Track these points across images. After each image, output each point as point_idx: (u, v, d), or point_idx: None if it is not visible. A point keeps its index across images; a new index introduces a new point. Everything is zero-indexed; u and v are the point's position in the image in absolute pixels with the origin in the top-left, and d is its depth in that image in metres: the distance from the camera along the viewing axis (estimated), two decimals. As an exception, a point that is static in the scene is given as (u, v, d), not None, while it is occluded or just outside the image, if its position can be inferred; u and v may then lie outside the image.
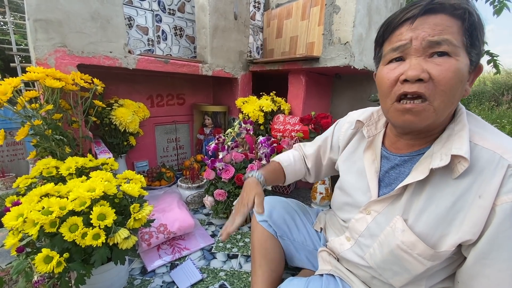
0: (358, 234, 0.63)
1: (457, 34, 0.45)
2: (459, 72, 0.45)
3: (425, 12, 0.47)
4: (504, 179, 0.44)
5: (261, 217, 0.85)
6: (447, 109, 0.48)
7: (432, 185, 0.51)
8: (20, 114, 0.94)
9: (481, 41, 0.47)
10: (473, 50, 0.46)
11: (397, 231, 0.53)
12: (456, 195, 0.48)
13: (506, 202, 0.43)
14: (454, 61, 0.45)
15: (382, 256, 0.56)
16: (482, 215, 0.45)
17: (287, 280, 0.67)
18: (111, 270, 0.79)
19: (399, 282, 0.55)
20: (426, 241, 0.50)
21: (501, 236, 0.44)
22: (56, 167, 0.91)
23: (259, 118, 1.60)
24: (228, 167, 1.18)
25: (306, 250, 0.83)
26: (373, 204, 0.60)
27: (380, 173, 0.61)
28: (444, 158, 0.48)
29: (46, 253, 0.62)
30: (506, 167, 0.44)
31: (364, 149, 0.65)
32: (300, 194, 1.61)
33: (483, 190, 0.45)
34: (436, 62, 0.46)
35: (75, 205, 0.68)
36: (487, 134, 0.49)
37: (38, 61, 1.06)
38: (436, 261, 0.49)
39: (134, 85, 1.65)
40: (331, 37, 1.34)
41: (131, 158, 1.72)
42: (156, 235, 1.03)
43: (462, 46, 0.46)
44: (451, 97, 0.47)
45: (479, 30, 0.46)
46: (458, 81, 0.46)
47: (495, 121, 3.89)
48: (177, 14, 1.79)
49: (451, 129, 0.51)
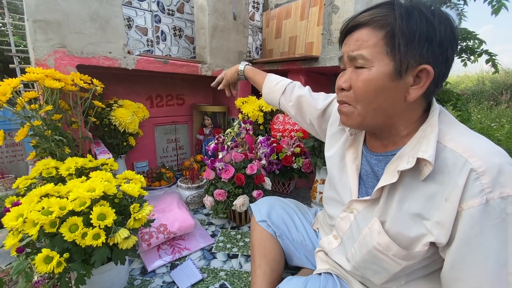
0: (343, 232, 0.64)
1: (375, 45, 0.49)
2: (371, 82, 0.50)
3: (352, 28, 0.53)
4: (467, 183, 0.43)
5: (260, 218, 0.85)
6: (375, 112, 0.52)
7: (403, 186, 0.51)
8: (20, 114, 0.94)
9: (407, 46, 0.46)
10: (395, 56, 0.47)
11: (374, 232, 0.54)
12: (426, 197, 0.48)
13: (473, 207, 0.42)
14: (366, 72, 0.50)
15: (361, 255, 0.57)
16: (449, 218, 0.44)
17: (286, 279, 0.67)
18: (111, 270, 0.79)
19: (379, 280, 0.57)
20: (401, 242, 0.51)
21: (473, 241, 0.43)
22: (55, 168, 0.91)
23: (259, 118, 1.60)
24: (227, 167, 1.18)
25: (305, 249, 0.83)
26: (354, 203, 0.61)
27: (361, 172, 0.62)
28: (411, 160, 0.48)
29: (46, 253, 0.62)
30: (469, 171, 0.43)
31: (347, 146, 0.66)
32: (300, 194, 1.61)
33: (449, 193, 0.45)
34: (356, 73, 0.52)
35: (75, 205, 0.68)
36: (457, 135, 0.49)
37: (37, 62, 1.06)
38: (411, 260, 0.50)
39: (134, 85, 1.65)
40: (330, 37, 1.35)
41: (130, 159, 1.72)
42: (156, 235, 1.04)
43: (382, 55, 0.49)
44: (370, 102, 0.52)
45: (400, 36, 0.46)
46: (370, 89, 0.50)
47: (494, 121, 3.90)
48: (176, 14, 1.79)
49: (423, 131, 0.51)
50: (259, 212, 0.87)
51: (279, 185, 1.58)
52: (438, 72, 0.48)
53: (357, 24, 0.51)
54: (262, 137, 1.39)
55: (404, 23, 0.46)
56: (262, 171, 1.28)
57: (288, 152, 1.42)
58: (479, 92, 6.39)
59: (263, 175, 1.24)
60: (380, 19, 0.48)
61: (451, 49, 0.47)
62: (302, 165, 1.40)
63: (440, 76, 0.49)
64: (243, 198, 1.14)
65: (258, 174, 1.20)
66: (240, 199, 1.14)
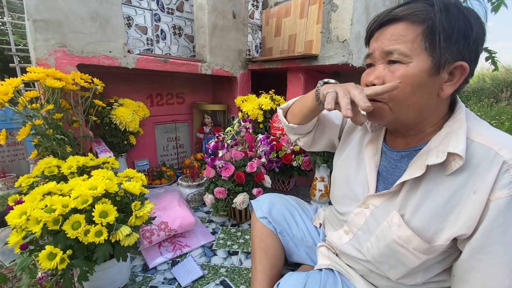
0: (357, 228, 0.64)
1: (413, 40, 0.49)
2: (409, 78, 0.49)
3: (384, 23, 0.53)
4: (498, 174, 0.44)
5: (261, 214, 0.86)
6: (409, 108, 0.52)
7: (428, 181, 0.52)
8: (21, 114, 0.95)
9: (446, 41, 0.47)
10: (434, 52, 0.48)
11: (393, 225, 0.54)
12: (452, 190, 0.48)
13: (500, 197, 0.44)
14: (404, 68, 0.50)
15: (379, 250, 0.57)
16: (477, 210, 0.45)
17: (286, 275, 0.68)
18: (113, 267, 0.81)
19: (395, 275, 0.56)
20: (422, 235, 0.51)
21: (495, 231, 0.44)
22: (57, 166, 0.92)
23: (259, 117, 1.60)
24: (228, 165, 1.19)
25: (306, 245, 0.84)
26: (371, 198, 0.61)
27: (380, 168, 0.62)
28: (440, 155, 0.49)
29: (49, 250, 0.63)
30: (501, 163, 0.45)
31: (367, 143, 0.66)
32: (300, 191, 1.62)
33: (478, 185, 0.46)
34: (390, 69, 0.51)
35: (78, 203, 0.69)
36: (484, 130, 0.50)
37: (38, 61, 1.07)
38: (431, 254, 0.50)
39: (134, 84, 1.66)
40: (329, 35, 1.35)
41: (131, 157, 1.73)
42: (157, 232, 1.05)
43: (420, 51, 0.49)
44: (406, 99, 0.51)
45: (441, 31, 0.47)
46: (408, 86, 0.50)
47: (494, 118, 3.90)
48: (176, 13, 1.79)
49: (449, 127, 0.51)
50: (260, 208, 0.88)
51: (279, 183, 1.59)
52: (471, 69, 0.49)
53: (393, 19, 0.51)
54: (262, 135, 1.39)
55: (444, 18, 0.47)
56: (262, 169, 1.28)
57: (288, 150, 1.43)
58: (480, 89, 6.38)
59: (263, 173, 1.25)
60: (420, 13, 0.48)
61: (481, 46, 0.49)
62: (301, 163, 1.41)
63: (471, 73, 0.50)
64: (243, 196, 1.15)
65: (258, 172, 1.21)
66: (240, 197, 1.15)
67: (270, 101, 1.63)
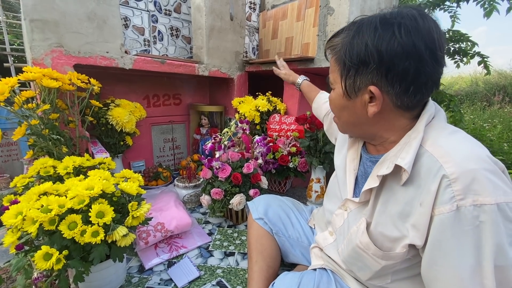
0: (336, 228, 0.66)
1: (333, 69, 0.57)
2: (332, 100, 0.60)
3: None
4: (439, 189, 0.43)
5: (257, 215, 0.87)
6: (348, 125, 0.60)
7: (387, 189, 0.53)
8: (17, 113, 0.94)
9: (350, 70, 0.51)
10: (344, 79, 0.54)
11: (359, 231, 0.56)
12: (405, 201, 0.49)
13: (443, 213, 0.43)
14: (332, 92, 0.60)
15: (348, 252, 0.60)
16: (423, 221, 0.45)
17: (282, 274, 0.68)
18: (109, 268, 0.80)
19: (364, 276, 0.59)
20: (383, 243, 0.52)
21: (444, 245, 0.44)
22: (53, 167, 0.91)
23: (255, 118, 1.61)
24: (224, 166, 1.20)
25: (301, 246, 0.85)
26: (348, 202, 0.63)
27: (358, 173, 0.64)
28: (390, 166, 0.50)
29: (45, 250, 0.63)
30: (441, 177, 0.43)
31: (347, 147, 0.68)
32: (296, 192, 1.63)
33: (423, 198, 0.45)
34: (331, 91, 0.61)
35: (74, 203, 0.69)
36: (441, 139, 0.48)
37: (34, 61, 1.06)
38: (390, 260, 0.51)
39: (131, 85, 1.66)
40: (325, 38, 1.37)
41: (127, 158, 1.72)
42: (154, 233, 1.04)
43: (339, 78, 0.55)
44: (339, 117, 0.61)
45: (345, 61, 0.52)
46: (334, 107, 0.60)
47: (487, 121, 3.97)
48: (173, 14, 1.80)
49: (408, 136, 0.51)
50: (256, 209, 0.88)
51: (276, 184, 1.60)
52: (393, 88, 0.48)
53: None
54: (259, 137, 1.40)
55: (346, 50, 0.51)
56: (259, 170, 1.29)
57: (284, 152, 1.44)
58: (473, 93, 6.49)
59: (259, 174, 1.25)
60: (336, 47, 0.55)
61: (409, 62, 0.46)
62: (298, 164, 1.42)
63: (403, 90, 0.48)
64: (239, 197, 1.16)
65: (254, 173, 1.22)
66: (237, 198, 1.16)
67: (267, 103, 1.64)
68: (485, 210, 0.40)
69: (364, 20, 0.51)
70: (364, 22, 0.50)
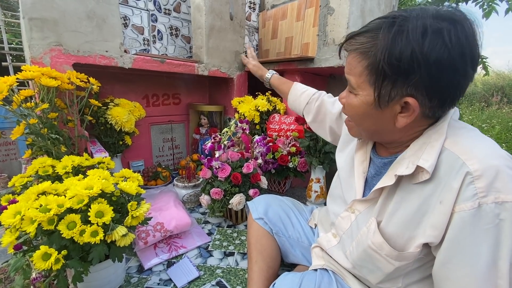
0: (342, 231, 0.65)
1: (360, 74, 0.50)
2: (356, 108, 0.53)
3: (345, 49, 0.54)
4: (462, 186, 0.43)
5: (257, 215, 0.86)
6: (368, 132, 0.57)
7: (401, 189, 0.52)
8: (16, 112, 0.93)
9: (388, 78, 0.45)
10: (377, 88, 0.47)
11: (370, 231, 0.55)
12: (422, 199, 0.48)
13: (464, 210, 0.42)
14: (353, 98, 0.54)
15: (357, 254, 0.59)
16: (443, 220, 0.45)
17: (282, 275, 0.68)
18: (109, 268, 0.80)
19: (374, 279, 0.58)
20: (396, 242, 0.51)
21: (462, 243, 0.43)
22: (52, 166, 0.91)
23: (255, 118, 1.61)
24: (224, 166, 1.19)
25: (301, 246, 0.85)
26: (356, 204, 0.62)
27: (367, 175, 0.63)
28: (410, 166, 0.49)
29: (44, 250, 0.62)
30: (464, 174, 0.43)
31: (355, 149, 0.67)
32: (296, 192, 1.63)
33: (444, 196, 0.45)
34: (348, 94, 0.56)
35: (73, 203, 0.68)
36: (461, 138, 0.47)
37: (33, 60, 1.06)
38: (404, 261, 0.51)
39: (130, 84, 1.65)
40: (325, 38, 1.37)
41: (126, 158, 1.71)
42: (153, 233, 1.04)
43: (366, 84, 0.50)
44: (360, 124, 0.56)
45: (381, 69, 0.45)
46: (356, 114, 0.55)
47: (485, 121, 3.99)
48: (173, 14, 1.79)
49: (428, 136, 0.50)
50: (256, 209, 0.88)
51: (275, 184, 1.59)
52: (431, 102, 0.46)
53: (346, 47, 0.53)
54: (258, 137, 1.40)
55: (386, 56, 0.44)
56: (258, 170, 1.29)
57: (284, 152, 1.44)
58: (471, 93, 6.51)
59: (259, 174, 1.25)
60: (364, 47, 0.47)
61: (452, 73, 0.43)
62: (297, 164, 1.42)
63: (440, 103, 0.46)
64: (239, 197, 1.16)
65: (254, 173, 1.22)
66: (237, 197, 1.15)
67: (267, 103, 1.64)
68: (507, 208, 0.40)
69: (407, 18, 0.44)
70: (408, 21, 0.43)
